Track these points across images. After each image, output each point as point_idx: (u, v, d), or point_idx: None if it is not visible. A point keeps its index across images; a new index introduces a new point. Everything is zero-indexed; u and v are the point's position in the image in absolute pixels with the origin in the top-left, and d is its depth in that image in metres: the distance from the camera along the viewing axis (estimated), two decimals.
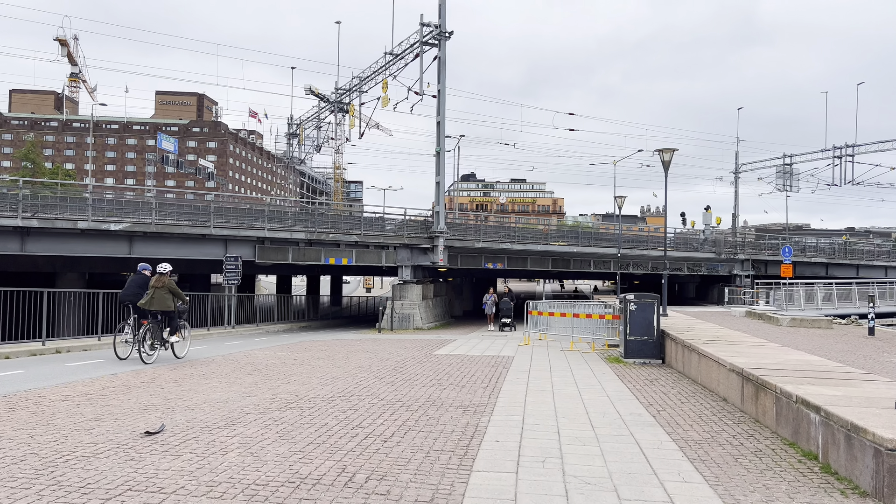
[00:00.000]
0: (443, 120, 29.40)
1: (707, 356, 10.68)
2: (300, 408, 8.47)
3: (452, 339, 20.94)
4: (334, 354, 15.68)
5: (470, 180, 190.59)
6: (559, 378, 11.87)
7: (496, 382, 11.07)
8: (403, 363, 13.83)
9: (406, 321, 28.97)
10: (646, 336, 14.49)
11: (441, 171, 29.57)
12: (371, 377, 11.51)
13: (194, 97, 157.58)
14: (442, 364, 13.74)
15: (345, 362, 13.94)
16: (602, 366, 13.97)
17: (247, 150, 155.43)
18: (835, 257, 46.88)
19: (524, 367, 13.52)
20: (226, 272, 24.03)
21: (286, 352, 16.21)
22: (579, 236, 34.97)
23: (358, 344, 19.16)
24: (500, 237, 32.96)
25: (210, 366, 13.05)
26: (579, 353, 16.83)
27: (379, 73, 35.25)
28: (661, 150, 19.27)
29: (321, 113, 45.38)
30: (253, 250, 27.05)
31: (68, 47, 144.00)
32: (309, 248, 28.19)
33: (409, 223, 30.58)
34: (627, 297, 14.66)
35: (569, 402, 9.29)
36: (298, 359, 14.58)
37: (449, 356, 15.56)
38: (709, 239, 41.95)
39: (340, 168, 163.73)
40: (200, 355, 15.43)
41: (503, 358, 15.27)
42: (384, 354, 15.81)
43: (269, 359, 14.49)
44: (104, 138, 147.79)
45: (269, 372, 12.13)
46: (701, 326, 16.40)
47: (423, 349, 17.42)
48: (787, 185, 62.46)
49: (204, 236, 25.72)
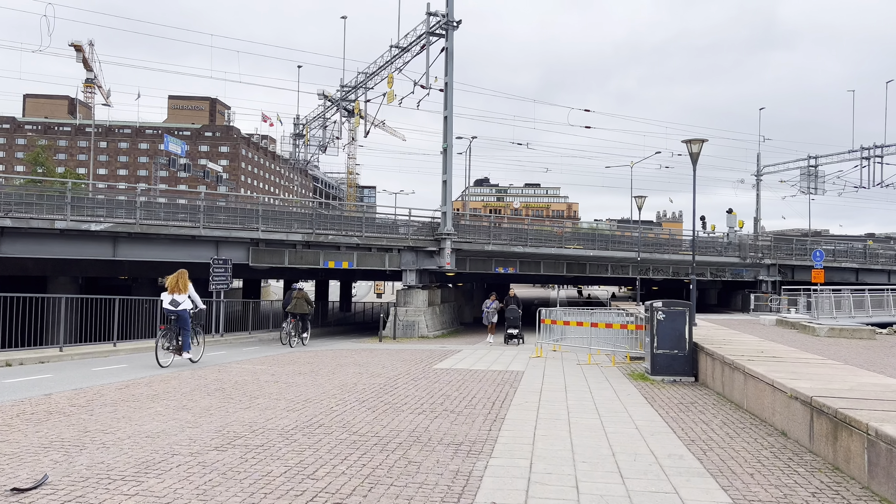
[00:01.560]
0: (450, 115, 27.61)
1: (757, 378, 8.75)
2: (246, 446, 6.64)
3: (457, 350, 19.08)
4: (319, 369, 13.86)
5: (483, 185, 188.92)
6: (576, 401, 9.98)
7: (500, 408, 9.20)
8: (395, 380, 11.98)
9: (411, 329, 27.14)
10: (676, 350, 12.56)
11: (448, 169, 27.76)
12: (351, 400, 9.67)
13: (207, 102, 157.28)
14: (439, 382, 11.88)
15: (328, 379, 12.11)
16: (625, 384, 12.06)
17: (259, 155, 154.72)
18: (866, 262, 44.49)
19: (535, 385, 11.63)
20: (213, 275, 22.32)
21: (266, 365, 14.42)
22: (596, 239, 32.95)
23: (351, 356, 17.35)
24: (511, 240, 31.05)
25: (168, 383, 11.27)
26: (598, 367, 14.92)
27: (384, 69, 33.57)
28: (690, 140, 17.33)
29: (327, 112, 43.79)
30: (246, 252, 25.35)
31: (83, 52, 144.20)
32: (307, 251, 26.46)
33: (414, 225, 28.78)
34: (654, 304, 12.73)
35: (589, 438, 7.40)
36: (276, 374, 12.78)
37: (449, 371, 13.70)
38: (733, 242, 39.81)
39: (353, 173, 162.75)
40: (163, 370, 13.66)
41: (511, 374, 13.39)
42: (376, 368, 13.98)
43: (242, 374, 12.70)
44: (117, 143, 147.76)
45: (234, 392, 10.33)
46: (738, 338, 14.43)
47: (422, 362, 15.57)
48: (811, 187, 60.09)
49: (194, 238, 24.06)
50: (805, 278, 42.31)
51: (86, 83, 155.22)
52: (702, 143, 17.33)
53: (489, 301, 24.00)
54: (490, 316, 23.65)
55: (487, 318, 23.77)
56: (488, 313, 23.71)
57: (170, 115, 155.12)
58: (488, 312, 23.69)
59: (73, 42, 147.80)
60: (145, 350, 18.17)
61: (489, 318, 23.69)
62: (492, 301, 23.95)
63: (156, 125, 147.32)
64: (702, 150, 17.48)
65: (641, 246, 33.16)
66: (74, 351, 15.71)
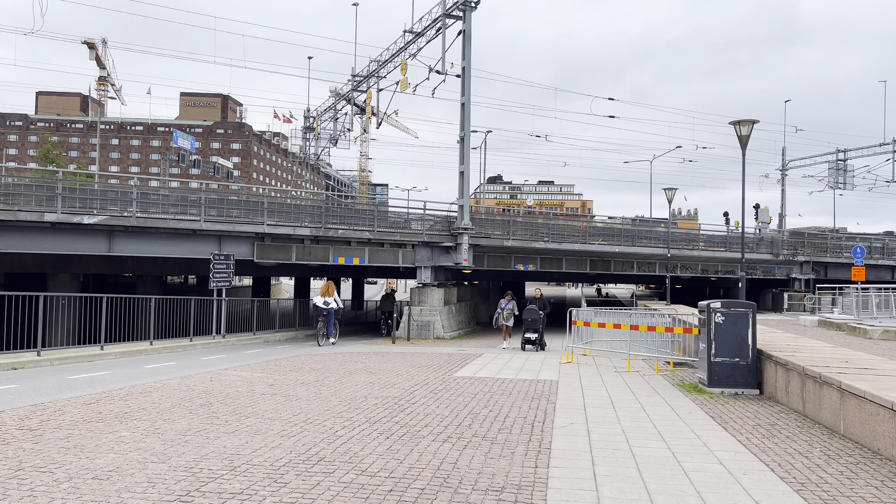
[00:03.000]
0: (468, 101, 25.91)
1: (863, 397, 7.00)
2: (219, 494, 5.00)
3: (478, 354, 17.40)
4: (326, 377, 12.22)
5: (497, 182, 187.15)
6: (631, 422, 8.28)
7: (542, 432, 7.52)
8: (411, 393, 10.32)
9: (425, 329, 25.48)
10: (737, 357, 10.81)
11: (465, 159, 26.06)
12: (360, 420, 8.02)
13: (219, 99, 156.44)
14: (463, 395, 10.21)
15: (334, 391, 10.47)
16: (680, 398, 10.34)
17: (271, 152, 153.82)
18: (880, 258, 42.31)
19: (575, 400, 9.93)
20: (213, 272, 20.78)
21: (266, 372, 12.80)
22: (621, 235, 31.14)
23: (363, 360, 15.71)
24: (532, 235, 29.30)
25: (147, 396, 9.66)
26: (640, 375, 13.21)
27: (397, 55, 31.92)
28: (738, 121, 15.56)
29: (337, 103, 42.22)
30: (251, 248, 23.78)
31: (96, 50, 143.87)
32: (315, 247, 24.85)
33: (429, 219, 27.10)
34: (712, 305, 10.99)
35: (667, 479, 5.71)
36: (275, 384, 11.15)
37: (472, 381, 12.02)
38: (765, 239, 37.80)
39: (366, 171, 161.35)
40: (153, 377, 12.08)
41: (544, 384, 11.69)
42: (390, 376, 12.33)
43: (236, 383, 11.08)
44: (129, 140, 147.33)
45: (221, 409, 8.70)
46: (803, 343, 12.63)
47: (441, 368, 13.90)
48: (839, 182, 57.86)
49: (195, 232, 22.50)
50: (839, 276, 40.24)
51: (99, 80, 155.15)
52: (752, 125, 15.55)
53: (504, 301, 20.54)
54: (505, 318, 20.20)
55: (502, 319, 20.31)
56: (503, 315, 20.27)
57: (182, 112, 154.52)
58: (503, 314, 20.26)
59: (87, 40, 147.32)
60: (137, 354, 16.68)
61: (504, 319, 20.21)
62: (507, 301, 20.45)
63: (168, 122, 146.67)
64: (751, 132, 15.70)
65: (671, 242, 31.26)
66: (54, 355, 14.20)
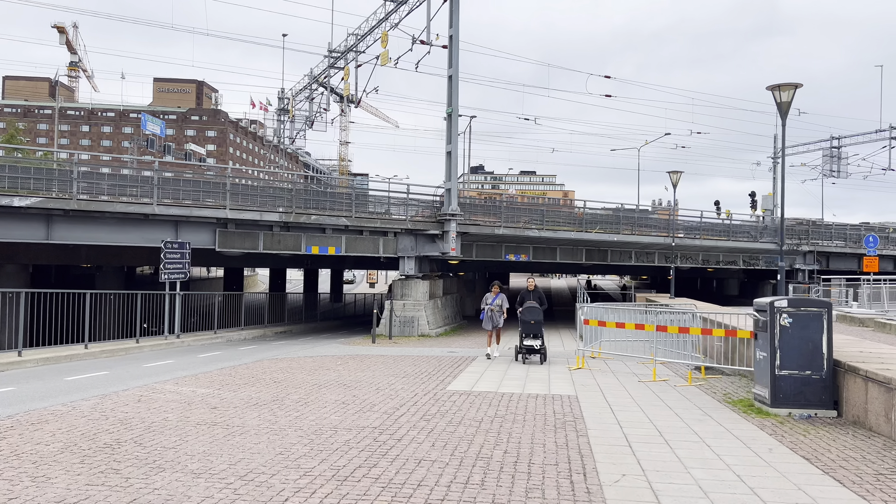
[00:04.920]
0: (455, 74, 23.42)
1: None
2: None
3: (470, 357, 15.02)
4: (287, 393, 9.76)
5: (478, 172, 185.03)
6: (702, 468, 5.97)
7: (588, 493, 5.14)
8: (396, 420, 7.91)
9: (409, 326, 23.07)
10: (808, 370, 8.55)
11: (453, 138, 23.60)
12: (324, 475, 5.59)
13: (193, 84, 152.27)
14: (464, 422, 7.82)
15: (295, 417, 8.02)
16: (740, 423, 8.07)
17: (247, 140, 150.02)
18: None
19: (611, 429, 7.58)
20: (165, 262, 18.15)
21: (213, 387, 10.30)
22: (620, 222, 28.86)
23: (337, 366, 13.27)
24: (524, 223, 26.96)
25: (37, 431, 7.13)
26: (669, 385, 10.95)
27: (378, 27, 29.32)
28: (778, 85, 13.26)
29: (313, 83, 39.46)
30: (213, 235, 21.14)
31: (67, 35, 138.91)
32: (286, 234, 22.27)
33: (413, 204, 24.61)
34: (777, 304, 8.69)
35: None
36: (220, 406, 8.68)
37: (470, 396, 9.64)
38: (769, 227, 35.84)
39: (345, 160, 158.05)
40: (66, 395, 9.53)
41: (560, 401, 9.35)
42: (368, 392, 9.90)
43: (168, 407, 8.59)
44: (100, 126, 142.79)
45: (131, 453, 6.23)
46: (884, 350, 10.36)
47: (430, 378, 11.51)
48: (833, 169, 56.25)
49: (147, 217, 19.82)
50: (842, 267, 38.46)
51: (70, 66, 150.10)
52: (794, 90, 13.25)
53: (491, 295, 14.75)
54: (495, 317, 14.57)
55: (490, 320, 14.61)
56: (491, 313, 14.57)
57: (155, 99, 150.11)
58: (491, 312, 14.57)
59: (57, 24, 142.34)
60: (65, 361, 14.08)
61: (493, 320, 14.57)
62: (495, 295, 14.71)
63: (140, 108, 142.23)
64: (793, 98, 13.42)
65: (674, 230, 29.07)
66: None
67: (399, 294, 23.99)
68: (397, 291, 24.13)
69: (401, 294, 23.96)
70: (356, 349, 17.65)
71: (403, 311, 23.26)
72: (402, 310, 23.29)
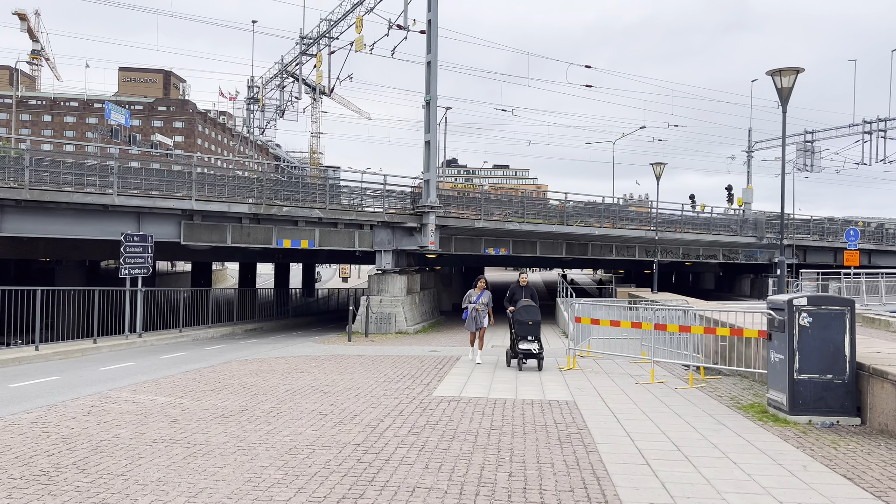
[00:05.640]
0: (434, 60, 22.48)
1: None
2: None
3: (454, 357, 14.18)
4: (258, 402, 8.82)
5: (452, 166, 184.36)
6: (736, 491, 5.21)
7: None
8: (381, 434, 7.03)
9: (386, 322, 22.16)
10: (829, 374, 7.88)
11: (432, 126, 22.67)
12: None
13: (160, 74, 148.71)
14: (457, 436, 6.98)
15: (266, 432, 7.10)
16: (759, 432, 7.36)
17: (216, 131, 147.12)
18: (883, 244, 40.74)
19: (621, 442, 6.80)
20: (125, 256, 17.00)
21: (175, 395, 9.31)
22: (601, 215, 28.17)
23: (312, 368, 12.33)
24: (505, 215, 26.15)
25: None
26: (669, 388, 10.25)
27: (352, 11, 28.24)
28: (779, 70, 12.61)
29: (283, 72, 38.20)
30: (178, 228, 19.95)
31: (28, 22, 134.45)
32: (256, 227, 21.17)
33: (390, 195, 23.63)
34: (796, 301, 7.99)
35: None
36: (181, 419, 7.71)
37: (460, 403, 8.81)
38: (748, 221, 35.56)
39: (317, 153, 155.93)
40: (4, 407, 8.47)
41: (558, 409, 8.56)
42: (348, 400, 9.01)
43: (122, 420, 7.61)
44: (63, 116, 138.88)
45: (71, 481, 5.28)
46: None
47: (414, 382, 10.65)
48: (807, 164, 56.47)
49: (106, 207, 18.58)
50: (819, 261, 38.43)
51: (32, 55, 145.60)
52: (795, 74, 12.61)
53: (475, 292, 12.99)
54: (479, 317, 12.90)
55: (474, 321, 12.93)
56: (476, 313, 12.90)
57: (121, 88, 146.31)
58: (476, 311, 12.90)
59: (18, 11, 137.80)
60: (13, 364, 12.93)
61: (478, 320, 12.90)
62: (480, 292, 12.96)
63: (105, 98, 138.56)
64: (794, 84, 12.78)
65: (657, 224, 28.48)
66: None
67: (375, 289, 23.05)
68: (373, 287, 23.19)
69: (377, 289, 23.02)
70: (332, 348, 16.70)
71: (380, 308, 22.34)
72: (378, 306, 22.36)
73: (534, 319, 11.89)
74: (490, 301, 13.14)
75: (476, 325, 12.96)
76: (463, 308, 13.22)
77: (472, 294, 13.08)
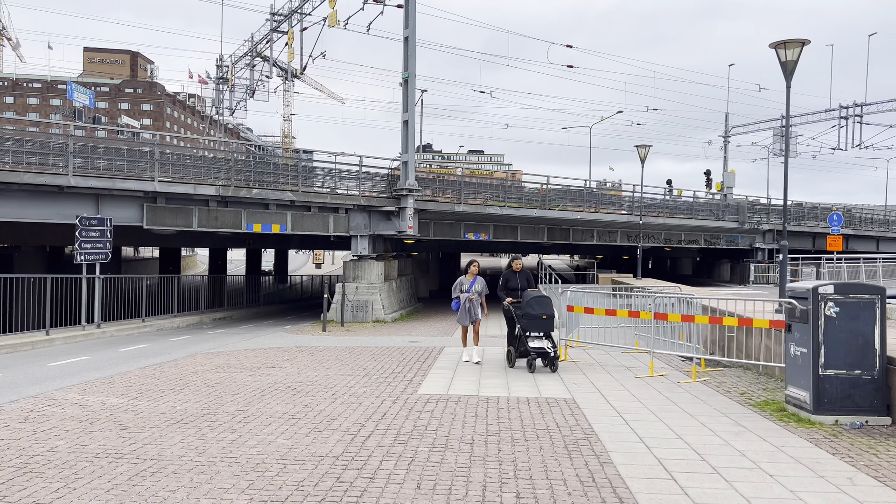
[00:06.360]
0: (412, 35, 21.41)
1: None
2: None
3: (437, 349, 13.33)
4: (222, 403, 7.86)
5: (426, 151, 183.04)
6: None
7: None
8: (363, 442, 6.14)
9: (363, 310, 21.22)
10: (858, 369, 7.16)
11: (410, 105, 21.64)
12: None
13: (127, 55, 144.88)
14: (450, 444, 6.11)
15: (230, 441, 6.16)
16: (784, 435, 6.62)
17: (186, 115, 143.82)
18: (860, 228, 40.73)
19: (635, 450, 6.00)
20: (81, 241, 15.82)
21: (129, 396, 8.31)
22: (584, 199, 27.45)
23: (283, 364, 11.37)
24: (486, 199, 25.29)
25: None
26: (671, 381, 9.53)
27: None
28: (781, 42, 11.86)
29: (254, 50, 36.76)
30: (140, 211, 18.75)
31: None
32: (224, 210, 20.02)
33: (366, 177, 22.59)
34: (821, 289, 7.24)
35: None
36: (133, 425, 6.74)
37: (449, 404, 7.95)
38: (731, 205, 35.16)
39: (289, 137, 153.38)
40: None
41: (557, 407, 7.75)
42: (324, 400, 8.10)
43: (62, 428, 6.61)
44: (25, 98, 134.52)
45: None
46: None
47: (397, 378, 9.76)
48: (783, 149, 56.40)
49: (61, 189, 17.33)
50: (797, 246, 38.26)
51: None
52: (801, 47, 11.87)
53: (468, 279, 11.22)
54: (474, 309, 11.14)
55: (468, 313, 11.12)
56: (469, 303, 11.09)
57: (86, 69, 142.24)
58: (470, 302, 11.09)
59: None
60: None
61: (472, 312, 11.13)
62: (472, 279, 11.21)
63: (70, 79, 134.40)
64: (799, 57, 12.04)
65: (641, 209, 27.84)
66: None
67: (351, 276, 22.07)
68: (349, 273, 22.21)
69: (353, 276, 22.05)
70: (305, 339, 15.73)
71: (357, 295, 21.38)
72: (355, 293, 21.40)
73: (547, 313, 10.25)
74: (485, 289, 11.36)
75: (470, 318, 11.16)
76: (453, 298, 11.29)
77: (463, 281, 11.22)
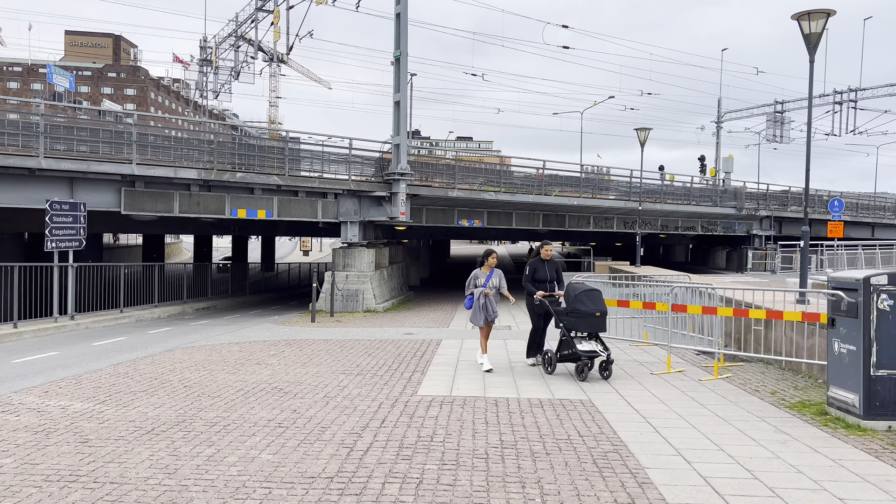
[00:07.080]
0: (403, 11, 20.41)
1: None
2: None
3: (434, 342, 12.52)
4: (198, 410, 6.99)
5: (415, 137, 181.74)
6: None
7: None
8: (360, 457, 5.31)
9: (353, 300, 20.35)
10: None
11: (402, 86, 20.68)
12: None
13: (110, 39, 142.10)
14: (462, 461, 5.31)
15: (207, 457, 5.31)
16: (834, 443, 5.89)
17: (170, 99, 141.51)
18: (857, 215, 40.25)
19: (674, 464, 5.22)
20: (52, 227, 14.80)
21: (96, 399, 7.43)
22: (580, 184, 26.60)
23: (269, 359, 10.51)
24: (480, 184, 24.40)
25: None
26: (694, 381, 8.74)
27: None
28: (805, 13, 11.03)
29: (239, 28, 35.53)
30: (117, 196, 17.72)
31: None
32: (206, 195, 19.04)
33: (356, 161, 21.64)
34: (874, 279, 6.46)
35: None
36: (95, 437, 5.87)
37: (454, 407, 7.13)
38: (728, 191, 34.48)
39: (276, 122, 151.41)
40: None
41: (575, 409, 6.95)
42: (314, 404, 7.26)
43: (13, 441, 5.74)
44: (5, 82, 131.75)
45: None
46: None
47: (394, 377, 8.94)
48: (776, 135, 55.93)
49: (32, 171, 16.29)
50: (793, 232, 37.71)
51: None
52: (826, 17, 11.05)
53: (483, 272, 9.57)
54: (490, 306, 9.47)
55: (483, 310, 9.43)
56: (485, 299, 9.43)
57: (68, 53, 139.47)
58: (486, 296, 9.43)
59: None
60: None
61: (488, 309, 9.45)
62: (489, 271, 9.54)
63: (51, 63, 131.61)
64: (824, 29, 11.22)
65: (641, 194, 27.04)
66: None
67: (341, 264, 21.18)
68: (339, 261, 21.31)
69: (343, 264, 21.15)
70: (293, 331, 14.86)
71: (347, 284, 20.50)
72: (345, 282, 20.52)
73: (601, 310, 8.80)
74: (503, 284, 9.61)
75: (487, 317, 9.47)
76: (467, 294, 9.67)
77: (478, 275, 9.57)
